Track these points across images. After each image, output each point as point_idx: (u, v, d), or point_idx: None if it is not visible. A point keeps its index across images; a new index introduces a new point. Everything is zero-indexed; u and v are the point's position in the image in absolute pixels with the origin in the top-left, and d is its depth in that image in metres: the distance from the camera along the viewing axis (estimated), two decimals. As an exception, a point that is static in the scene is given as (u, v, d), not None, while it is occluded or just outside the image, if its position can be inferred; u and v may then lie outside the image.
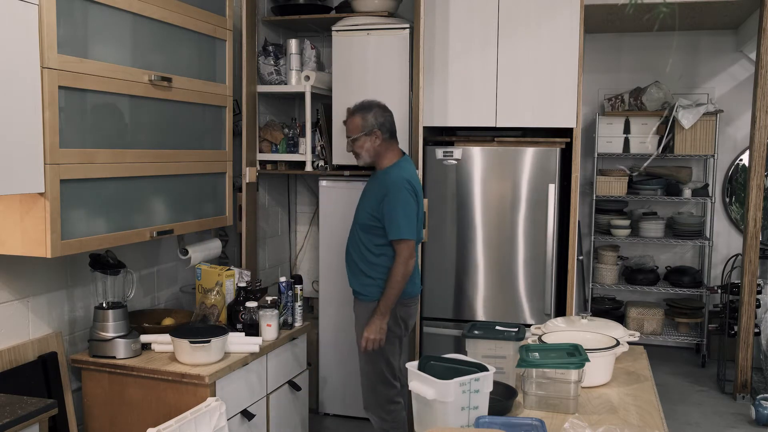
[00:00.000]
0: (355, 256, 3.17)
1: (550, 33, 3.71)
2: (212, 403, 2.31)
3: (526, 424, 1.76)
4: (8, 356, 2.42)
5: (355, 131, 3.12)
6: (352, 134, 3.13)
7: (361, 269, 3.16)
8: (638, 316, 5.44)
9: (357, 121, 3.11)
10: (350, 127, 3.14)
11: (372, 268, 3.13)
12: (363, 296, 3.17)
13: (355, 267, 3.19)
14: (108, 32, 2.40)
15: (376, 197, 3.09)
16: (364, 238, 3.13)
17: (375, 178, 3.19)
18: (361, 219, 3.16)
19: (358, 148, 3.13)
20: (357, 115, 3.12)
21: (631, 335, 2.48)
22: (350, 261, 3.22)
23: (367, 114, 3.11)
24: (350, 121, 3.14)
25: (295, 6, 4.01)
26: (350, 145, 3.15)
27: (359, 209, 3.20)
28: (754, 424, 4.21)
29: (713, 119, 5.16)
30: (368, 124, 3.10)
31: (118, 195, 2.49)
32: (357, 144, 3.12)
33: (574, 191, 3.75)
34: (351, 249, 3.21)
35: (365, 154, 3.14)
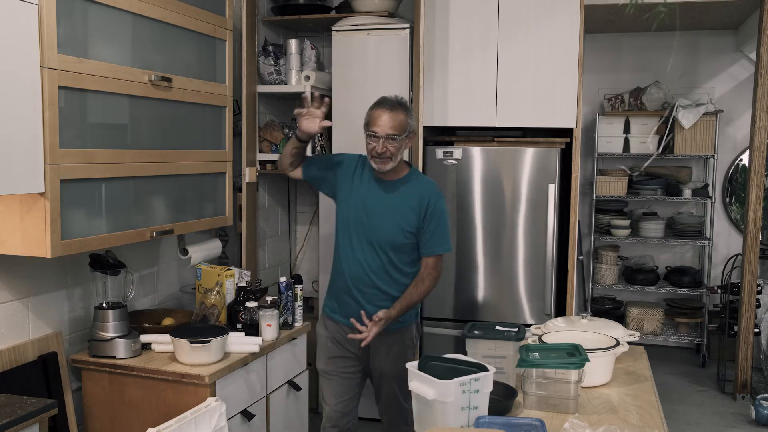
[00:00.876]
0: (381, 281, 2.73)
1: (550, 33, 3.71)
2: (212, 403, 2.31)
3: (526, 424, 1.76)
4: (8, 356, 2.42)
5: (400, 129, 2.65)
6: (395, 132, 2.64)
7: (391, 296, 2.75)
8: (638, 316, 5.44)
9: (403, 119, 2.66)
10: (394, 124, 2.63)
11: (403, 286, 2.77)
12: (400, 323, 2.80)
13: (381, 295, 2.75)
14: (108, 32, 2.40)
15: (412, 211, 2.71)
16: (396, 258, 2.74)
17: (394, 189, 2.75)
18: (392, 237, 2.71)
19: (395, 150, 2.65)
20: (402, 112, 2.66)
21: (631, 335, 2.48)
22: (371, 289, 2.74)
23: (410, 113, 2.71)
24: (394, 116, 2.64)
25: (295, 6, 4.01)
26: (386, 143, 2.63)
27: (384, 227, 2.72)
28: (754, 424, 4.21)
29: (713, 119, 5.16)
30: (411, 126, 2.70)
31: (118, 195, 2.49)
32: (395, 145, 2.64)
33: (574, 191, 3.75)
34: (372, 276, 2.73)
35: (396, 158, 2.69)
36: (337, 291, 2.86)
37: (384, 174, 2.73)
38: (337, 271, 2.84)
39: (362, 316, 2.63)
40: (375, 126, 2.64)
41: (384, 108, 2.65)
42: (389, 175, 2.75)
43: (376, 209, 2.73)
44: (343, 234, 2.80)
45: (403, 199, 2.73)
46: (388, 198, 2.74)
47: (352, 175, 2.81)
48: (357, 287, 2.76)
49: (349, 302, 2.79)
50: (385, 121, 2.63)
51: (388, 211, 2.72)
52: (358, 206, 2.76)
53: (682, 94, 5.43)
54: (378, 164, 2.67)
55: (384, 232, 2.71)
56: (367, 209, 2.74)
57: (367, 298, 2.75)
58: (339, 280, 2.83)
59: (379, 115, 2.64)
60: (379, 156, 2.65)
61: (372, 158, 2.68)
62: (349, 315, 2.74)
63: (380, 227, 2.72)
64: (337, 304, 2.86)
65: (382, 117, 2.64)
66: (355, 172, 2.81)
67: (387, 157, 2.65)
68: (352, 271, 2.76)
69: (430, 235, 2.72)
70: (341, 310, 2.84)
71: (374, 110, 2.68)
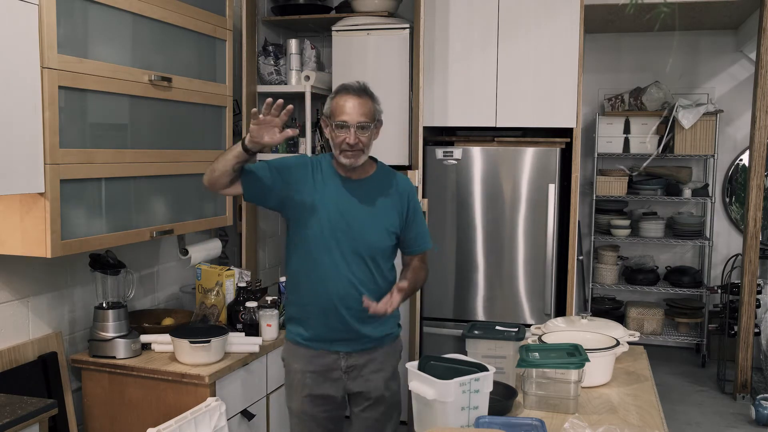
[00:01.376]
0: (371, 294, 2.32)
1: (550, 33, 3.71)
2: (212, 403, 2.31)
3: (526, 424, 1.76)
4: (8, 356, 2.42)
5: (370, 117, 2.30)
6: (366, 120, 2.29)
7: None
8: (638, 316, 5.44)
9: (371, 105, 2.32)
10: (364, 110, 2.29)
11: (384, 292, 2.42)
12: (394, 335, 2.49)
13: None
14: (108, 32, 2.40)
15: (393, 209, 2.40)
16: (384, 265, 2.41)
17: (368, 188, 2.39)
18: (381, 243, 2.37)
19: (367, 140, 2.32)
20: (369, 98, 2.34)
21: (631, 335, 2.48)
22: (359, 305, 2.29)
23: (376, 100, 2.38)
24: (362, 102, 2.30)
25: (295, 6, 4.01)
26: (358, 133, 2.28)
27: (370, 233, 2.35)
28: (754, 424, 4.21)
29: (713, 119, 5.16)
30: (379, 113, 2.38)
31: (118, 195, 2.49)
32: (366, 134, 2.30)
33: (574, 191, 3.75)
34: (362, 290, 2.33)
35: (368, 150, 2.37)
36: (312, 315, 2.39)
37: (353, 171, 2.37)
38: (312, 293, 2.37)
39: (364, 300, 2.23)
40: (343, 115, 2.28)
41: (350, 94, 2.30)
42: (359, 173, 2.38)
43: (356, 215, 2.35)
44: (318, 249, 2.34)
45: (382, 199, 2.40)
46: (364, 199, 2.37)
47: (312, 179, 2.37)
48: (345, 305, 2.34)
49: (334, 324, 2.36)
50: (353, 108, 2.28)
51: (370, 215, 2.36)
52: (330, 212, 2.33)
53: (682, 94, 5.43)
54: (350, 159, 2.30)
55: (372, 238, 2.35)
56: (346, 216, 2.34)
57: (354, 315, 2.35)
58: (315, 303, 2.37)
59: (344, 102, 2.30)
60: (351, 149, 2.28)
61: (341, 152, 2.30)
62: (333, 338, 2.38)
63: (367, 234, 2.35)
64: (314, 330, 2.40)
65: (348, 104, 2.29)
66: (314, 175, 2.38)
67: (359, 149, 2.29)
68: (339, 288, 2.33)
69: (416, 232, 2.45)
70: (321, 334, 2.39)
71: (338, 97, 2.32)
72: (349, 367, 2.40)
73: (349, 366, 2.40)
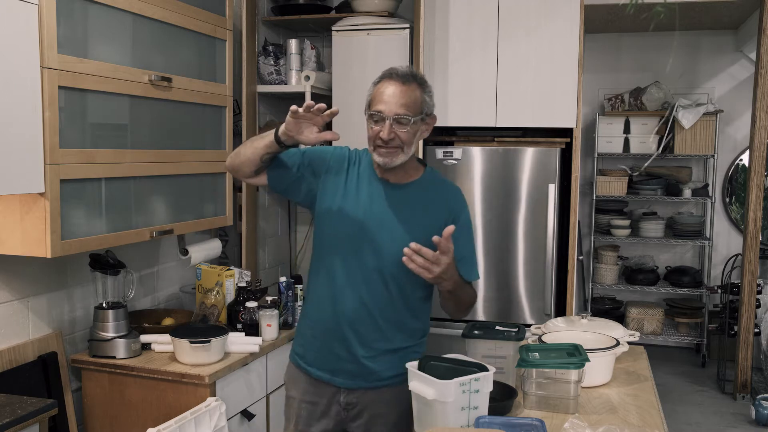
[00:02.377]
0: (387, 322, 2.02)
1: (550, 33, 3.71)
2: (212, 403, 2.31)
3: (526, 424, 1.76)
4: (8, 356, 2.41)
5: (413, 109, 1.93)
6: (407, 112, 1.92)
7: (394, 345, 2.05)
8: (638, 316, 5.44)
9: (418, 95, 1.94)
10: (406, 100, 1.92)
11: (414, 331, 2.10)
12: (404, 375, 1.94)
13: (381, 341, 2.04)
14: (108, 32, 2.40)
15: (435, 226, 1.92)
16: (410, 290, 2.03)
17: (408, 195, 2.03)
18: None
19: (407, 137, 1.93)
20: (417, 87, 1.95)
21: (631, 335, 2.48)
22: (371, 332, 2.02)
23: (428, 90, 2.00)
24: (406, 91, 1.93)
25: (295, 6, 4.01)
26: (395, 127, 1.92)
27: (396, 246, 1.91)
28: (754, 424, 4.21)
29: (713, 119, 5.16)
30: (429, 107, 1.99)
31: (118, 195, 2.49)
32: (406, 130, 1.93)
33: (574, 191, 3.75)
34: (376, 315, 2.01)
35: (410, 149, 1.97)
36: (314, 334, 2.10)
37: (392, 173, 2.02)
38: (317, 308, 2.09)
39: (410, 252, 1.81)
40: (379, 103, 1.93)
41: (392, 80, 1.94)
42: (399, 176, 2.03)
43: (384, 222, 2.00)
44: (330, 256, 2.05)
45: (423, 209, 2.03)
46: (399, 208, 2.01)
47: (345, 175, 2.07)
48: (353, 328, 2.02)
49: (337, 350, 2.04)
50: (393, 96, 1.91)
51: (402, 228, 1.98)
52: (356, 218, 2.01)
53: (682, 94, 5.43)
54: (383, 157, 1.95)
55: (398, 253, 1.86)
56: (371, 222, 2.00)
57: (362, 342, 2.03)
58: (320, 320, 2.08)
59: (385, 89, 1.93)
60: (385, 145, 1.93)
61: (375, 149, 1.96)
62: (334, 367, 2.06)
63: (393, 250, 1.95)
64: (315, 353, 2.10)
65: (389, 90, 1.92)
66: (349, 171, 2.07)
67: (396, 146, 1.93)
68: (347, 307, 2.01)
69: (460, 257, 1.94)
70: (323, 360, 2.08)
71: (379, 84, 1.97)
72: (348, 404, 2.08)
73: (349, 403, 2.08)
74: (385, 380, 2.06)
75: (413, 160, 2.07)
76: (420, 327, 2.12)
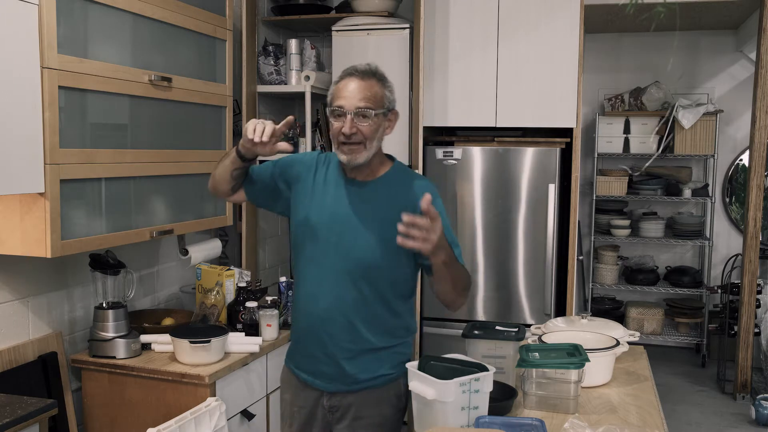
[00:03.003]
0: (363, 322, 1.99)
1: (550, 33, 3.71)
2: (212, 403, 2.31)
3: (526, 424, 1.76)
4: (8, 356, 2.42)
5: (375, 102, 1.92)
6: (368, 105, 1.91)
7: (372, 345, 2.02)
8: (638, 316, 5.44)
9: (378, 90, 1.94)
10: (366, 94, 1.91)
11: (395, 330, 2.06)
12: (387, 375, 2.04)
13: (358, 341, 2.01)
14: (108, 32, 2.40)
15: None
16: (389, 292, 2.00)
17: (375, 192, 2.00)
18: (377, 259, 1.95)
19: (369, 132, 1.92)
20: (377, 81, 1.95)
21: (631, 335, 2.48)
22: (345, 333, 2.00)
23: (388, 85, 1.98)
24: (366, 85, 1.92)
25: (295, 6, 4.01)
26: (357, 121, 1.91)
27: (363, 245, 1.95)
28: (754, 424, 4.22)
29: (713, 119, 5.16)
30: (391, 101, 1.98)
31: (118, 195, 2.49)
32: (368, 124, 1.91)
33: (574, 191, 3.75)
34: (350, 314, 1.99)
35: (372, 145, 1.94)
36: (297, 338, 2.14)
37: (357, 171, 1.99)
38: (297, 311, 2.12)
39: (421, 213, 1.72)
40: (340, 99, 1.92)
41: (352, 76, 1.93)
42: (364, 173, 2.01)
43: (350, 221, 1.97)
44: (303, 260, 2.05)
45: (389, 205, 1.96)
46: (364, 205, 1.96)
47: (313, 179, 2.05)
48: (327, 331, 2.01)
49: (315, 352, 2.04)
50: (353, 91, 1.90)
51: (367, 226, 1.94)
52: (322, 220, 1.99)
53: (682, 94, 5.43)
54: (346, 154, 1.92)
55: (365, 255, 1.94)
56: (336, 224, 1.97)
57: (338, 345, 2.01)
58: (299, 323, 2.11)
59: (345, 85, 1.93)
60: (348, 140, 1.90)
61: (339, 147, 1.94)
62: (314, 369, 2.07)
63: (358, 245, 1.95)
64: (300, 356, 2.13)
65: (349, 86, 1.92)
66: (317, 175, 2.05)
67: (358, 141, 1.91)
68: (320, 309, 2.00)
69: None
70: (305, 362, 2.10)
71: (340, 81, 1.96)
72: (332, 407, 2.08)
73: (333, 406, 2.08)
74: (362, 382, 2.04)
75: (380, 156, 2.04)
76: (401, 325, 2.07)
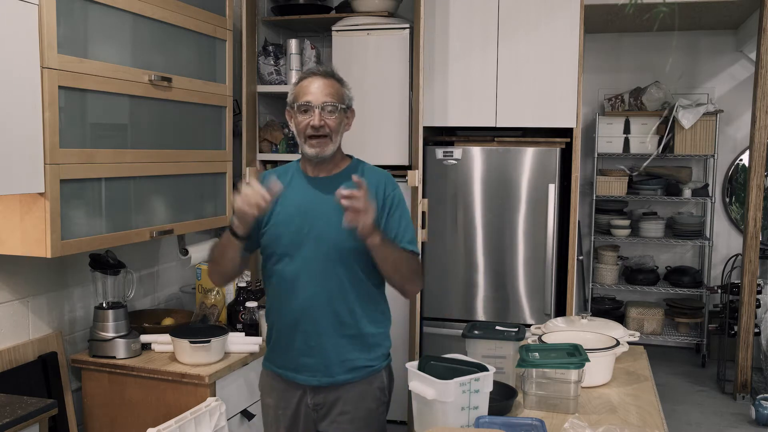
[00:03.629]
0: (344, 310, 2.07)
1: (550, 33, 3.71)
2: (212, 403, 2.31)
3: (526, 424, 1.76)
4: (8, 356, 2.42)
5: (338, 98, 2.07)
6: (333, 100, 2.05)
7: (355, 328, 2.09)
8: (638, 316, 5.44)
9: (339, 88, 2.09)
10: (330, 91, 2.06)
11: (380, 314, 2.17)
12: (368, 368, 2.13)
13: (342, 326, 2.08)
14: (108, 32, 2.40)
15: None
16: (361, 267, 2.07)
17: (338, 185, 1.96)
18: (348, 243, 2.02)
19: (335, 125, 2.05)
20: (336, 81, 2.10)
21: (631, 335, 2.48)
22: (328, 318, 2.07)
23: (346, 85, 2.14)
24: (329, 84, 2.07)
25: (295, 6, 4.01)
26: (324, 115, 2.03)
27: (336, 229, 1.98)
28: (754, 424, 4.21)
29: (713, 119, 5.16)
30: (350, 99, 2.13)
31: (118, 195, 2.49)
32: (334, 118, 2.05)
33: (574, 191, 3.75)
34: (334, 303, 2.07)
35: (337, 138, 2.07)
36: (277, 336, 2.16)
37: (320, 168, 2.11)
38: (275, 310, 2.15)
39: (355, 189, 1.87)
40: (306, 95, 2.04)
41: (315, 76, 2.08)
42: (327, 169, 2.12)
43: (320, 210, 2.06)
44: (276, 258, 2.10)
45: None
46: (333, 194, 1.95)
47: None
48: (309, 317, 2.07)
49: (295, 340, 2.09)
50: (318, 88, 2.04)
51: (336, 213, 1.94)
52: (293, 216, 2.08)
53: (682, 94, 5.43)
54: (315, 148, 2.04)
55: (338, 235, 2.01)
56: (309, 216, 2.07)
57: (318, 328, 2.07)
58: (278, 319, 2.14)
59: (309, 83, 2.06)
60: (316, 133, 2.03)
61: (306, 140, 2.05)
62: (297, 364, 2.11)
63: (331, 230, 2.03)
64: (278, 353, 2.16)
65: (313, 84, 2.05)
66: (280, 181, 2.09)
67: (325, 134, 2.03)
68: (300, 298, 2.07)
69: (397, 229, 2.08)
70: (283, 358, 2.14)
71: (302, 81, 2.09)
72: (317, 404, 2.13)
73: (317, 404, 2.13)
74: (347, 373, 2.09)
75: (340, 153, 2.15)
76: (380, 310, 2.16)
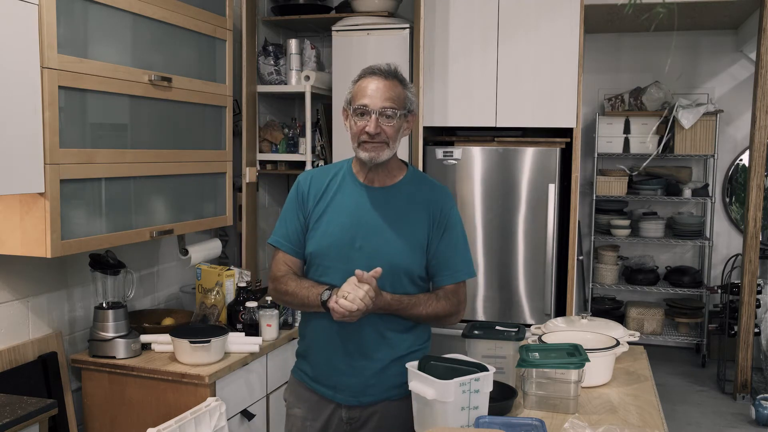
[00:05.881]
0: (390, 331, 1.98)
1: (550, 33, 3.71)
2: (212, 403, 2.31)
3: (526, 424, 1.76)
4: (8, 356, 2.42)
5: (398, 103, 1.92)
6: (393, 105, 1.91)
7: (402, 347, 2.02)
8: (638, 316, 5.44)
9: (401, 91, 1.93)
10: (390, 95, 1.91)
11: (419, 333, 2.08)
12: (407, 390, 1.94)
13: (388, 348, 2.00)
14: (108, 32, 2.40)
15: (420, 223, 1.98)
16: (411, 290, 2.00)
17: (395, 197, 1.98)
18: (403, 263, 1.95)
19: (392, 132, 1.92)
20: (399, 83, 1.94)
21: (631, 335, 2.48)
22: (376, 344, 1.98)
23: (409, 88, 1.99)
24: (390, 86, 1.92)
25: (295, 6, 4.01)
26: (381, 121, 1.90)
27: (395, 249, 1.95)
28: (754, 424, 4.22)
29: (713, 119, 5.16)
30: (412, 103, 1.98)
31: (118, 195, 2.49)
32: (392, 124, 1.91)
33: (574, 191, 3.75)
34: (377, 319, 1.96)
35: (394, 146, 1.95)
36: (317, 351, 2.06)
37: (374, 175, 1.99)
38: (316, 325, 2.04)
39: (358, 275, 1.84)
40: (364, 98, 1.91)
41: (375, 76, 1.93)
42: (382, 177, 2.00)
43: (373, 227, 1.95)
44: (322, 269, 2.01)
45: (411, 210, 1.99)
46: (388, 211, 1.94)
47: (325, 189, 2.03)
48: (354, 339, 1.99)
49: (337, 361, 2.01)
50: (377, 91, 1.90)
51: (394, 230, 1.92)
52: (343, 226, 1.97)
53: (682, 94, 5.43)
54: (369, 152, 1.91)
55: (396, 258, 1.93)
56: (360, 228, 1.95)
57: (363, 351, 1.99)
58: (320, 336, 2.04)
59: (368, 84, 1.92)
60: (371, 139, 1.90)
61: (360, 145, 1.93)
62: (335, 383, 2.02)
63: (388, 252, 1.93)
64: (317, 368, 2.07)
65: (372, 85, 1.91)
66: (330, 184, 2.03)
67: (382, 141, 1.91)
68: (342, 326, 1.96)
69: (452, 254, 1.98)
70: (324, 373, 2.05)
71: (361, 80, 1.96)
72: (351, 418, 2.04)
73: (351, 417, 2.04)
74: (387, 391, 2.02)
75: (396, 160, 2.03)
76: (425, 327, 2.10)
